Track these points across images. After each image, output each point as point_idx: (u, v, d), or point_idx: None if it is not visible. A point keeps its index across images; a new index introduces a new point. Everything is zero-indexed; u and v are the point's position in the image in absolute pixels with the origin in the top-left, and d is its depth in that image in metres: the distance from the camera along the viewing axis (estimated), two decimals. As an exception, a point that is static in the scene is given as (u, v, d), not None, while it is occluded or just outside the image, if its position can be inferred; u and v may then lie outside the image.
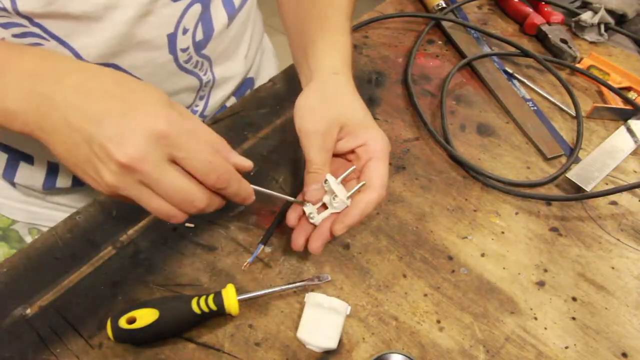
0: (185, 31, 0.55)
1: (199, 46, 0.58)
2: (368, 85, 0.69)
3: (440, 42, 0.77)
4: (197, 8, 0.55)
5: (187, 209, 0.40)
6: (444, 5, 0.79)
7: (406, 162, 0.61)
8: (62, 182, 0.64)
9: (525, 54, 0.73)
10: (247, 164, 0.43)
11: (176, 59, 0.56)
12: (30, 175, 0.63)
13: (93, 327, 0.47)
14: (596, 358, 0.47)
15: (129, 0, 0.48)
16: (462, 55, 0.74)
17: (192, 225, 0.54)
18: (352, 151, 0.49)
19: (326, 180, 0.47)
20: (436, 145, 0.62)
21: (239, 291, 0.47)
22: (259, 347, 0.46)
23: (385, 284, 0.51)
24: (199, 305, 0.45)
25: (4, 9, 0.44)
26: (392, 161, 0.60)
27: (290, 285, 0.48)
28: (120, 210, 0.54)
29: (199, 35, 0.57)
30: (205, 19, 0.56)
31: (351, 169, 0.49)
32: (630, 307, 0.50)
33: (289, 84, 0.69)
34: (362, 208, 0.46)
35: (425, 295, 0.50)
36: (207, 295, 0.45)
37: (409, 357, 0.45)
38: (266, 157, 0.60)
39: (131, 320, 0.43)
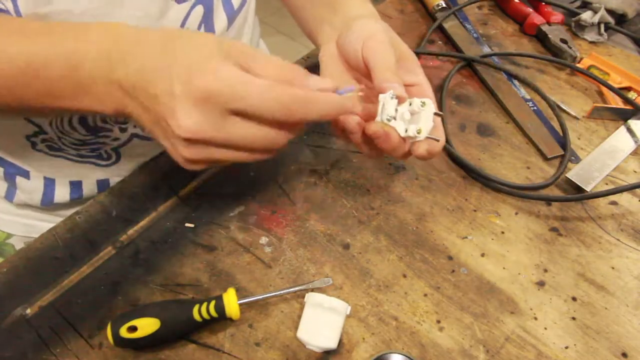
0: None
1: None
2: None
3: (440, 42, 0.77)
4: (199, 10, 0.54)
5: (271, 148, 0.39)
6: (444, 5, 0.79)
7: (406, 162, 0.61)
8: (60, 196, 0.63)
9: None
10: (327, 85, 0.39)
11: None
12: (28, 191, 0.62)
13: (93, 327, 0.47)
14: (596, 358, 0.47)
15: (134, 3, 0.48)
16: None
17: (192, 225, 0.54)
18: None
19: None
20: (436, 145, 0.62)
21: (239, 292, 0.47)
22: (259, 347, 0.46)
23: (385, 284, 0.51)
24: (200, 312, 0.45)
25: (7, 11, 0.44)
26: (392, 161, 0.60)
27: (292, 289, 0.48)
28: (120, 210, 0.55)
29: None
30: (207, 21, 0.56)
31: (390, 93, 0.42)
32: (630, 307, 0.50)
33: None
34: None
35: (425, 295, 0.50)
36: (209, 302, 0.45)
37: (409, 357, 0.45)
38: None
39: (132, 329, 0.43)
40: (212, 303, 0.45)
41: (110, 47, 0.38)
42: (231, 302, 0.45)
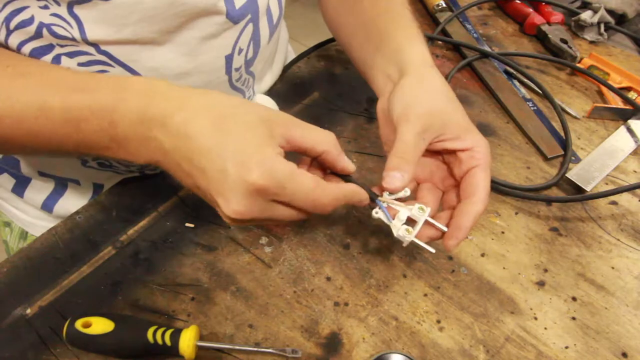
0: (240, 51, 0.55)
1: (248, 64, 0.58)
2: (368, 85, 0.69)
3: (440, 42, 0.77)
4: (250, 28, 0.54)
5: (302, 220, 0.42)
6: (444, 5, 0.79)
7: (406, 162, 0.61)
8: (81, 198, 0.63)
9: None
10: (351, 168, 0.44)
11: (230, 79, 0.56)
12: (76, 198, 0.63)
13: (93, 327, 0.47)
14: (596, 358, 0.47)
15: (195, 23, 0.48)
16: (462, 55, 0.74)
17: (192, 225, 0.54)
18: (454, 153, 0.46)
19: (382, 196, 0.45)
20: (436, 145, 0.62)
21: (204, 333, 0.45)
22: (259, 347, 0.46)
23: (385, 284, 0.51)
24: (155, 335, 0.43)
25: (73, 39, 0.44)
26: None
27: (258, 349, 0.45)
28: (120, 210, 0.55)
29: (250, 54, 0.57)
30: (255, 37, 0.56)
31: (405, 192, 0.45)
32: (630, 307, 0.50)
33: (289, 85, 0.69)
34: (473, 220, 0.43)
35: (425, 295, 0.50)
36: (167, 329, 0.44)
37: (409, 357, 0.45)
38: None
39: (87, 325, 0.43)
40: (170, 332, 0.43)
41: (148, 107, 0.40)
42: (187, 340, 0.43)
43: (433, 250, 0.44)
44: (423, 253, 0.53)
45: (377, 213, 0.45)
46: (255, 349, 0.45)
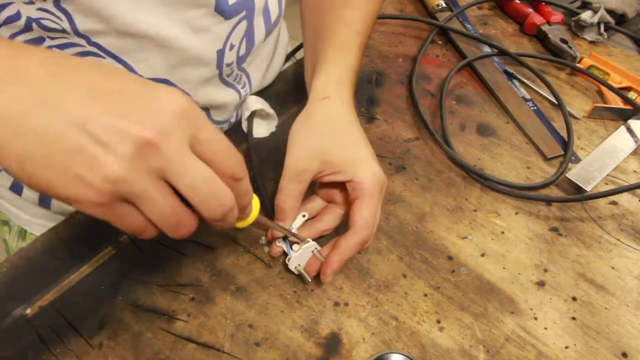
0: (232, 47, 0.55)
1: (240, 60, 0.58)
2: (368, 85, 0.69)
3: (440, 42, 0.77)
4: (243, 25, 0.55)
5: (211, 209, 0.33)
6: (444, 5, 0.79)
7: (406, 162, 0.61)
8: None
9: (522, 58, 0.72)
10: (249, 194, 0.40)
11: (220, 74, 0.56)
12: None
13: (93, 327, 0.47)
14: (596, 358, 0.47)
15: (185, 15, 0.49)
16: (462, 55, 0.74)
17: (192, 225, 0.54)
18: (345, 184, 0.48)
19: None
20: (436, 145, 0.62)
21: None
22: (259, 347, 0.46)
23: (385, 284, 0.51)
24: None
25: (63, 31, 0.44)
26: (392, 161, 0.60)
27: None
28: (120, 210, 0.54)
29: (242, 50, 0.57)
30: (249, 34, 0.56)
31: (302, 215, 0.50)
32: (630, 307, 0.50)
33: (289, 84, 0.69)
34: (342, 252, 0.46)
35: (425, 295, 0.50)
36: None
37: (409, 357, 0.45)
38: (266, 157, 0.60)
39: None
40: None
41: None
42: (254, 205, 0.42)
43: (310, 280, 0.48)
44: (423, 253, 0.53)
45: (279, 242, 0.50)
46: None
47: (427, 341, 0.47)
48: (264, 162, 0.59)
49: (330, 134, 0.48)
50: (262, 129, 0.62)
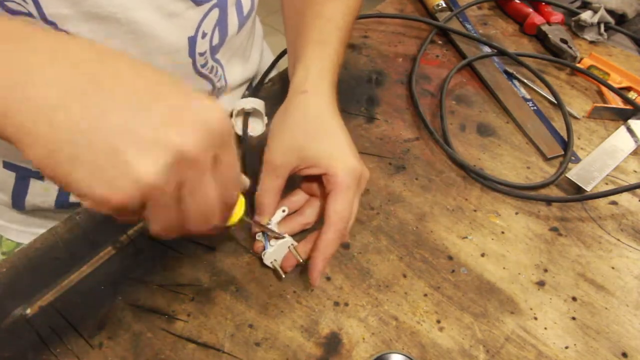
0: (204, 35, 0.55)
1: (214, 50, 0.58)
2: (368, 85, 0.69)
3: (440, 42, 0.77)
4: (215, 13, 0.55)
5: (197, 224, 0.34)
6: (444, 4, 0.79)
7: (406, 162, 0.61)
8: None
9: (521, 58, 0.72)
10: (245, 182, 0.40)
11: (194, 63, 0.56)
12: (41, 194, 0.62)
13: (93, 327, 0.47)
14: (596, 358, 0.47)
15: (154, 1, 0.49)
16: (462, 55, 0.74)
17: (192, 225, 0.54)
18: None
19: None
20: (436, 145, 0.62)
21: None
22: (259, 347, 0.46)
23: (385, 284, 0.51)
24: None
25: (30, 14, 0.44)
26: (392, 161, 0.60)
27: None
28: (120, 210, 0.54)
29: (215, 40, 0.57)
30: (221, 23, 0.56)
31: (282, 209, 0.51)
32: (630, 307, 0.50)
33: (286, 85, 0.69)
34: (323, 251, 0.46)
35: (425, 295, 0.50)
36: None
37: (409, 357, 0.45)
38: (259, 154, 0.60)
39: None
40: None
41: None
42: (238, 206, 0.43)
43: (283, 276, 0.49)
44: (423, 253, 0.53)
45: (259, 236, 0.50)
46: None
47: (427, 341, 0.47)
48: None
49: (306, 128, 0.48)
50: (258, 127, 0.63)
